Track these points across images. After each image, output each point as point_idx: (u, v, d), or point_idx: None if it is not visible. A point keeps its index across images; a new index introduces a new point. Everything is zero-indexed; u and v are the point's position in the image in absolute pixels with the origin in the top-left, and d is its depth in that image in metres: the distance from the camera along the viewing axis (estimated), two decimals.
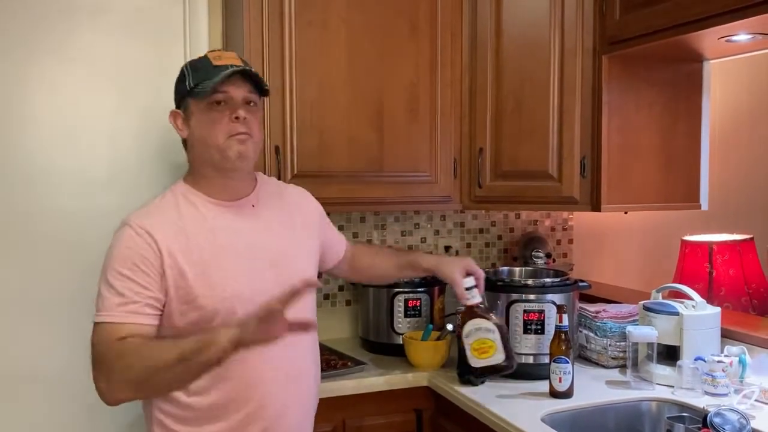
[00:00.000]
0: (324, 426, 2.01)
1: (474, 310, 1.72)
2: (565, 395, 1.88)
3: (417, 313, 2.35)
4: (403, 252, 1.95)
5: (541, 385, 1.94)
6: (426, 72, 2.35)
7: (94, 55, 2.23)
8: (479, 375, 1.78)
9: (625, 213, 2.45)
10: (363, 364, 2.21)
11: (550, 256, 2.76)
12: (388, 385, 2.11)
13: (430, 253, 2.48)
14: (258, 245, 1.57)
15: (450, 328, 2.14)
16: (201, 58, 1.57)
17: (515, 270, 2.38)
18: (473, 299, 1.72)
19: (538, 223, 2.91)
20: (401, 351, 2.27)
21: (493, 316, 1.73)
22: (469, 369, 1.80)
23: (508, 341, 1.72)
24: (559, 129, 2.26)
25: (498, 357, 1.69)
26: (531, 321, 2.05)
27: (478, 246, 2.84)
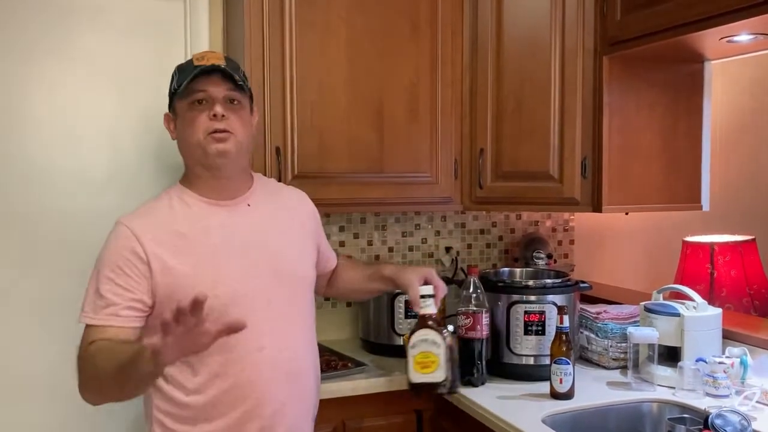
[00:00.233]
0: (324, 427, 2.01)
1: (426, 320, 1.60)
2: (566, 396, 1.88)
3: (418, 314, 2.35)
4: (371, 263, 1.90)
5: (542, 387, 1.94)
6: (426, 72, 2.35)
7: (95, 56, 2.24)
8: (414, 391, 1.58)
9: (626, 214, 2.44)
10: (363, 365, 2.21)
11: (551, 256, 2.76)
12: (389, 386, 2.11)
13: (394, 263, 2.33)
14: (252, 244, 1.58)
15: (451, 329, 2.13)
16: (188, 61, 1.59)
17: (516, 271, 2.38)
18: (426, 308, 1.61)
19: (539, 223, 2.90)
20: (402, 352, 2.24)
21: (447, 331, 1.61)
22: (408, 383, 1.64)
23: (455, 362, 1.59)
24: (560, 130, 2.25)
25: (438, 375, 1.55)
26: (532, 322, 2.05)
27: (479, 247, 2.84)
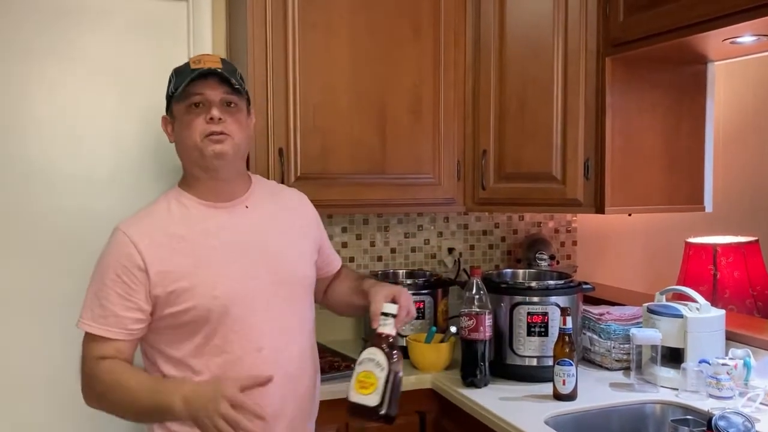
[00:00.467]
0: (328, 428, 2.00)
1: (381, 339, 1.50)
2: (569, 398, 1.87)
3: (420, 315, 2.35)
4: (361, 277, 1.84)
5: (545, 388, 1.94)
6: (429, 74, 2.35)
7: (97, 56, 2.24)
8: (349, 411, 1.47)
9: (628, 215, 2.44)
10: None
11: (554, 258, 2.76)
12: None
13: (376, 280, 2.02)
14: (251, 245, 1.58)
15: (453, 330, 2.14)
16: (184, 64, 1.58)
17: (519, 272, 2.38)
18: (384, 327, 1.51)
19: (541, 225, 2.90)
20: (404, 353, 2.25)
21: (396, 358, 1.49)
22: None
23: (394, 391, 1.46)
24: (563, 131, 2.25)
25: (372, 399, 1.44)
26: (535, 323, 2.05)
27: (481, 248, 2.84)
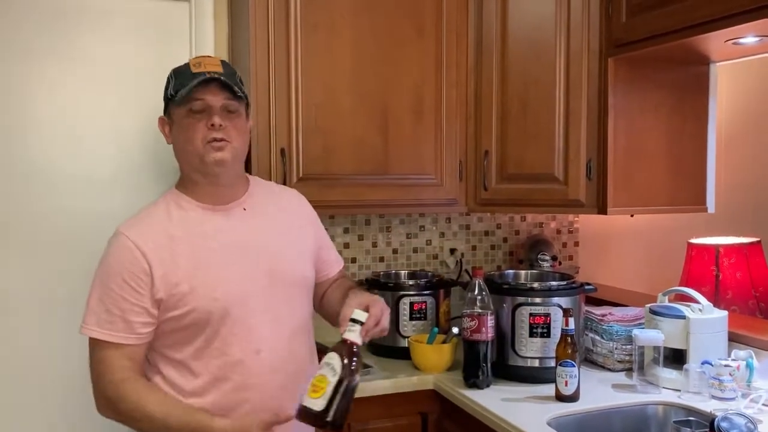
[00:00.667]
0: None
1: (343, 345, 1.44)
2: (572, 399, 1.87)
3: (422, 316, 2.35)
4: (350, 286, 1.80)
5: (547, 389, 1.93)
6: (431, 74, 2.35)
7: (99, 57, 2.24)
8: (297, 415, 1.41)
9: (631, 216, 2.44)
10: (368, 367, 2.21)
11: (556, 258, 2.75)
12: (394, 389, 2.11)
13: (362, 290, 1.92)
14: (250, 247, 1.58)
15: (455, 331, 2.14)
16: (183, 65, 1.57)
17: (521, 273, 2.37)
18: (349, 333, 1.45)
19: (543, 225, 2.90)
20: (406, 354, 2.26)
21: (354, 367, 1.42)
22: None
23: (343, 400, 1.39)
24: (565, 131, 2.25)
25: (319, 404, 1.38)
26: (537, 324, 2.05)
27: (483, 248, 2.83)
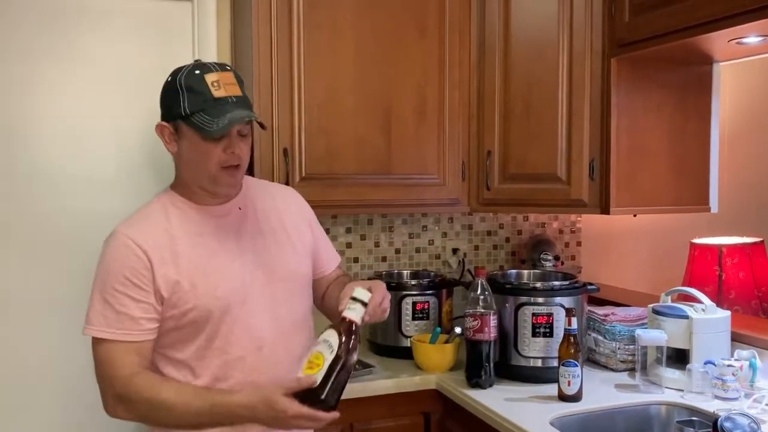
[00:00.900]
0: (332, 429, 2.00)
1: (342, 323, 1.42)
2: (574, 399, 1.87)
3: (425, 315, 2.35)
4: (350, 279, 1.80)
5: (550, 389, 1.93)
6: (434, 74, 2.35)
7: (101, 57, 2.25)
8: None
9: (633, 216, 2.44)
10: (371, 367, 2.21)
11: (558, 258, 2.75)
12: (396, 388, 2.11)
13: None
14: (248, 246, 1.58)
15: (458, 331, 2.14)
16: (196, 77, 1.45)
17: (524, 273, 2.37)
18: (349, 312, 1.42)
19: (546, 225, 2.90)
20: (409, 354, 2.26)
21: (352, 346, 1.39)
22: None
23: (338, 379, 1.37)
24: (568, 131, 2.25)
25: (316, 379, 1.36)
26: (540, 324, 2.05)
27: (486, 248, 2.83)
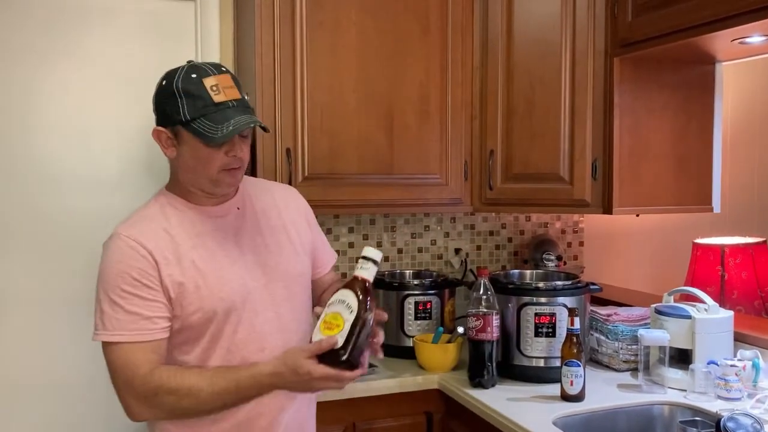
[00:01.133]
0: (335, 428, 2.01)
1: (356, 282, 1.38)
2: (577, 399, 1.87)
3: (427, 315, 2.35)
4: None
5: (553, 389, 1.93)
6: (436, 74, 2.35)
7: (105, 57, 2.25)
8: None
9: (636, 215, 2.43)
10: (373, 367, 2.21)
11: (561, 258, 2.75)
12: (399, 388, 2.11)
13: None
14: (247, 246, 1.58)
15: (461, 330, 2.14)
16: (194, 82, 1.43)
17: (526, 273, 2.37)
18: (361, 270, 1.39)
19: (548, 225, 2.90)
20: (411, 353, 2.26)
21: (369, 305, 1.37)
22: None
23: (359, 339, 1.36)
24: (571, 131, 2.25)
25: (337, 340, 1.35)
26: (542, 324, 2.05)
27: (488, 248, 2.83)
